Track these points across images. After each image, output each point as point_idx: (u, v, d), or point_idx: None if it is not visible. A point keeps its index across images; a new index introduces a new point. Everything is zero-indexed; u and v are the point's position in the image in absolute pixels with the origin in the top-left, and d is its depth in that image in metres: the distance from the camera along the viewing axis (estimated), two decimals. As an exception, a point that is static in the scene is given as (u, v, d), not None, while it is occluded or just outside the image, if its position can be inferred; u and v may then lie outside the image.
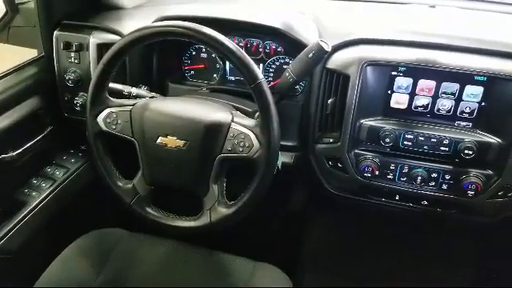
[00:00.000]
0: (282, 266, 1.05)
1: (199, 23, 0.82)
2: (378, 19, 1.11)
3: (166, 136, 0.88)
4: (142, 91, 1.05)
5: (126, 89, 1.04)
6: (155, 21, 1.05)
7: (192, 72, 1.21)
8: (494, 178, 0.95)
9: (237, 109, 0.97)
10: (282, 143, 1.06)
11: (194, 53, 1.19)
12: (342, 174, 1.05)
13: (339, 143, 1.02)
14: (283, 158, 1.05)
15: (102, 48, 1.10)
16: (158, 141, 0.88)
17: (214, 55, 1.17)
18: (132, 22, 1.12)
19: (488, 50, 0.92)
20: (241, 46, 1.11)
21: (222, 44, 0.81)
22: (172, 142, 0.87)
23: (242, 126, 0.86)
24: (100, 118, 0.93)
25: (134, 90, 1.04)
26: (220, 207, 0.90)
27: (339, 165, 1.04)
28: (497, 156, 0.93)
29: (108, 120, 0.92)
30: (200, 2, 1.25)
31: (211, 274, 1.03)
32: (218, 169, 0.88)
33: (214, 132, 0.86)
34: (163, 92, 1.15)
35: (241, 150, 0.85)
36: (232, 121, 0.87)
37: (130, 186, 0.95)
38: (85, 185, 1.24)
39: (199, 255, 1.08)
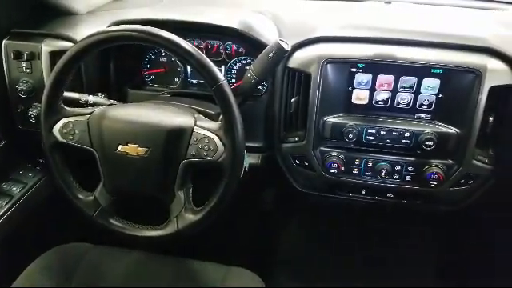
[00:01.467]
0: (255, 268, 1.05)
1: (157, 27, 0.80)
2: (336, 17, 1.12)
3: (126, 144, 0.85)
4: (100, 99, 1.01)
5: (83, 97, 1.00)
6: (110, 25, 1.02)
7: (152, 77, 1.18)
8: (455, 167, 0.98)
9: (199, 112, 0.95)
10: (249, 144, 1.05)
11: (153, 57, 1.16)
12: (308, 172, 1.06)
13: (304, 141, 1.02)
14: (250, 160, 1.04)
15: (55, 56, 1.05)
16: (119, 149, 0.85)
17: (174, 59, 1.15)
18: (86, 28, 1.08)
19: (442, 43, 0.95)
20: (201, 49, 1.10)
21: (180, 46, 0.79)
22: (133, 149, 0.85)
23: (206, 130, 0.84)
24: (56, 129, 0.88)
25: (91, 98, 1.00)
26: (187, 214, 0.87)
27: (305, 163, 1.05)
28: (456, 146, 0.95)
29: (64, 130, 0.88)
30: (157, 6, 1.23)
31: (182, 283, 1.01)
32: (182, 175, 0.86)
33: (177, 137, 0.84)
34: (122, 99, 1.11)
35: (205, 154, 0.84)
36: (195, 125, 0.85)
37: (91, 198, 0.91)
38: (44, 199, 1.19)
39: (169, 264, 1.05)
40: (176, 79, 1.16)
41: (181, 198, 0.88)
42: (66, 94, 0.94)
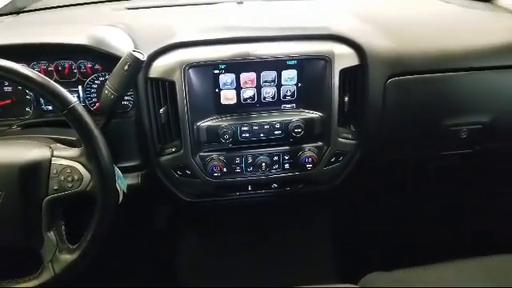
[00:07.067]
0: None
1: None
2: (190, 21, 1.11)
3: None
4: None
5: None
6: None
7: None
8: (325, 148, 1.05)
9: (58, 141, 0.86)
10: (124, 165, 1.00)
11: None
12: (193, 181, 1.04)
13: (182, 151, 1.00)
14: (129, 181, 0.99)
15: None
16: None
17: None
18: None
19: (292, 36, 1.01)
20: (50, 71, 1.00)
21: (15, 72, 0.70)
22: None
23: (65, 159, 0.77)
24: None
25: None
26: (62, 255, 0.79)
27: (188, 172, 1.03)
28: (322, 128, 1.03)
29: None
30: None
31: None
32: (48, 214, 0.78)
33: (33, 173, 0.75)
34: (-38, 141, 0.96)
35: (70, 185, 0.76)
36: (52, 155, 0.77)
37: None
38: None
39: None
40: (27, 109, 1.04)
41: (51, 239, 0.79)
42: None
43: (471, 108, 1.09)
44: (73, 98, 0.74)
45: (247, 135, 1.01)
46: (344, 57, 1.00)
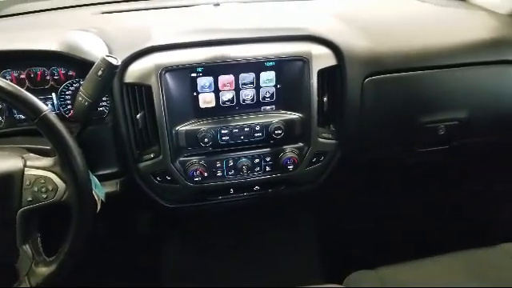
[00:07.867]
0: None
1: None
2: (166, 25, 1.10)
3: None
4: None
5: None
6: None
7: None
8: (306, 149, 1.05)
9: (31, 150, 0.83)
10: (101, 172, 0.98)
11: None
12: (173, 186, 1.02)
13: (161, 156, 0.98)
14: (107, 188, 0.97)
15: None
16: None
17: None
18: None
19: (270, 37, 1.00)
20: (22, 79, 0.97)
21: None
22: None
23: (39, 169, 0.74)
24: None
25: None
26: (39, 268, 0.77)
27: (168, 177, 1.01)
28: (302, 129, 1.02)
29: None
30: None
31: None
32: (23, 226, 0.75)
33: (5, 185, 0.73)
34: None
35: (44, 196, 0.74)
36: (25, 166, 0.75)
37: None
38: None
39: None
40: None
41: (27, 252, 0.76)
42: None
43: (448, 105, 1.11)
44: (44, 106, 0.72)
45: (227, 138, 1.00)
46: (322, 57, 1.00)
